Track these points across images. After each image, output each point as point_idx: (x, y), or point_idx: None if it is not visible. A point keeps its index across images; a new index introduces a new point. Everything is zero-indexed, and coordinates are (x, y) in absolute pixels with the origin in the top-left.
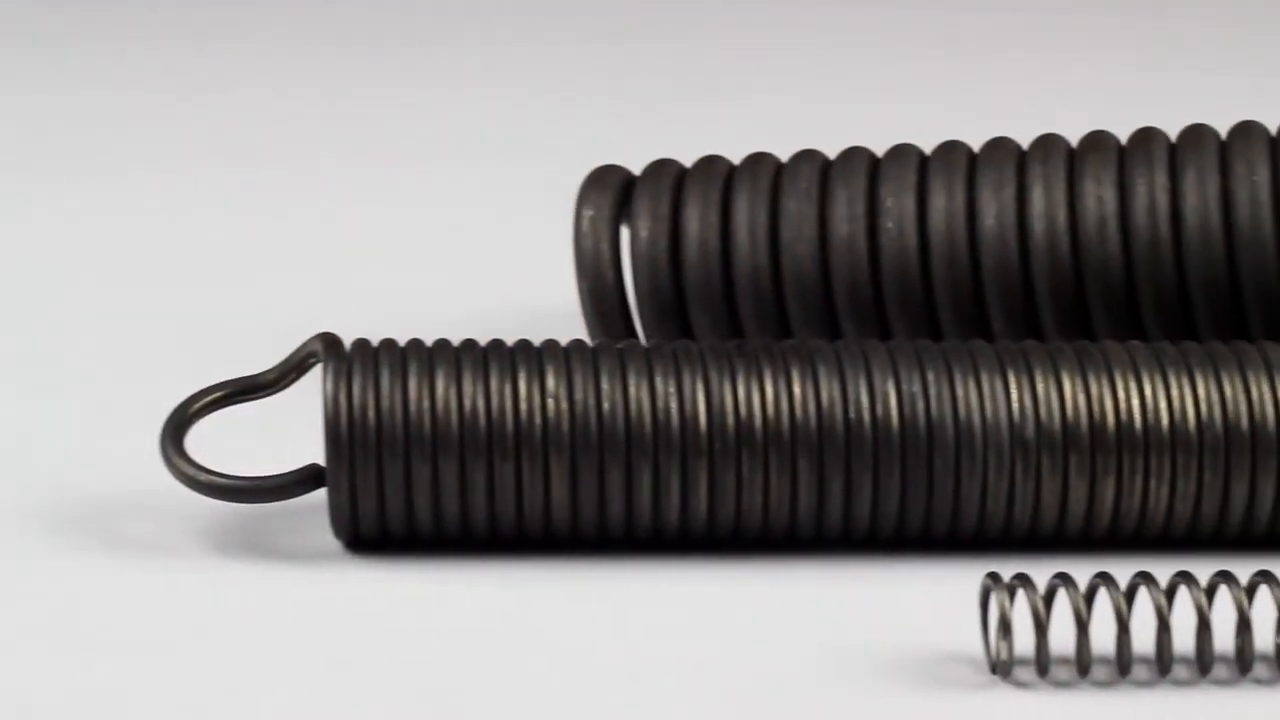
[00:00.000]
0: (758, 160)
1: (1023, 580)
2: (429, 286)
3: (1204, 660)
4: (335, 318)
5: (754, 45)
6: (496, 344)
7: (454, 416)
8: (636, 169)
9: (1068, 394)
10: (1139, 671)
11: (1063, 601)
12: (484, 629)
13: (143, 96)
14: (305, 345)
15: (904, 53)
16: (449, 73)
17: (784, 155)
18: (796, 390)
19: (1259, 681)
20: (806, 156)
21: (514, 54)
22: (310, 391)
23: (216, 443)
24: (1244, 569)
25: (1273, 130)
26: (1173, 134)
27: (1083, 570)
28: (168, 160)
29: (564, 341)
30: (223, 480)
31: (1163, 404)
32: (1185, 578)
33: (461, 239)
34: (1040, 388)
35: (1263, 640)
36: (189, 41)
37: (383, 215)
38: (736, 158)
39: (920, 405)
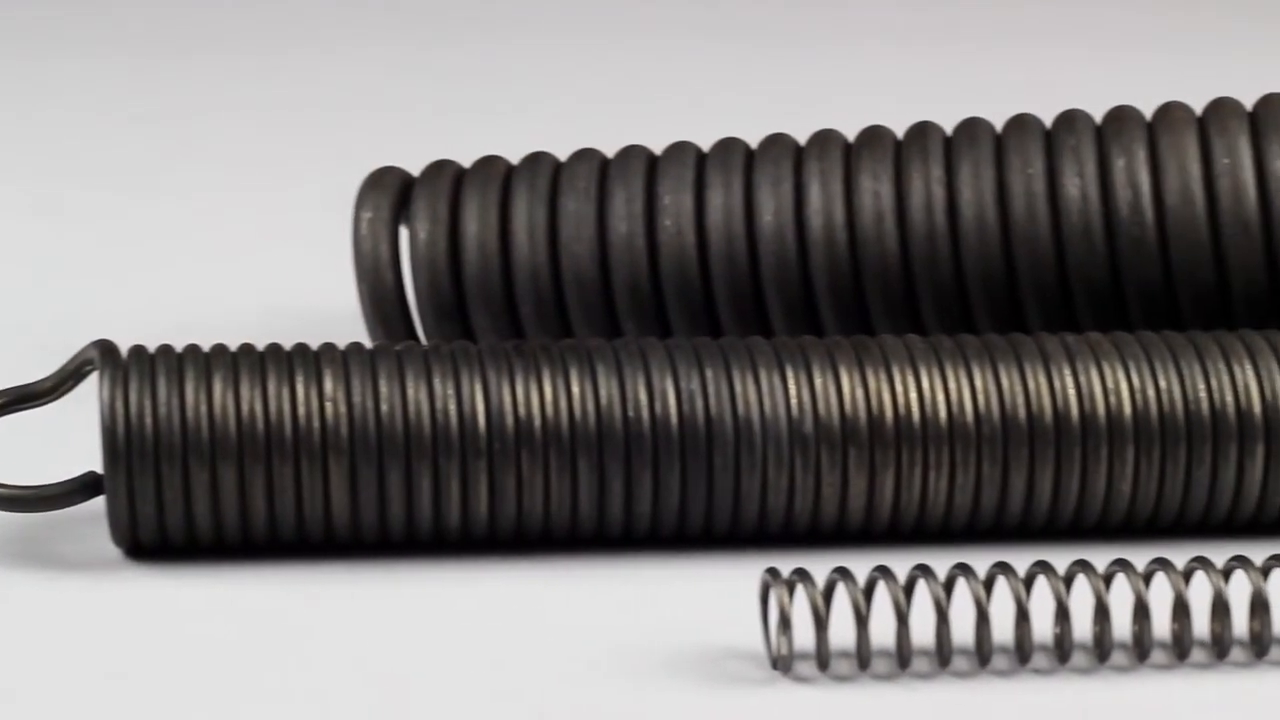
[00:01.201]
0: (536, 160)
1: (802, 575)
2: (208, 291)
3: (983, 651)
4: (112, 324)
5: (532, 45)
6: (274, 348)
7: (231, 422)
8: (416, 171)
9: (845, 389)
10: (919, 664)
11: (842, 596)
12: (266, 634)
13: None
14: (81, 353)
15: (684, 48)
16: (231, 75)
17: (563, 155)
18: (575, 390)
19: (1038, 671)
20: (585, 156)
21: (295, 57)
22: (88, 399)
23: None
24: (1021, 560)
25: (1047, 121)
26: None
27: (863, 565)
28: None
29: (344, 344)
30: (0, 489)
31: (940, 397)
32: (964, 570)
33: (241, 243)
34: (818, 383)
35: (1041, 630)
36: None
37: (162, 219)
38: (516, 158)
39: (699, 403)
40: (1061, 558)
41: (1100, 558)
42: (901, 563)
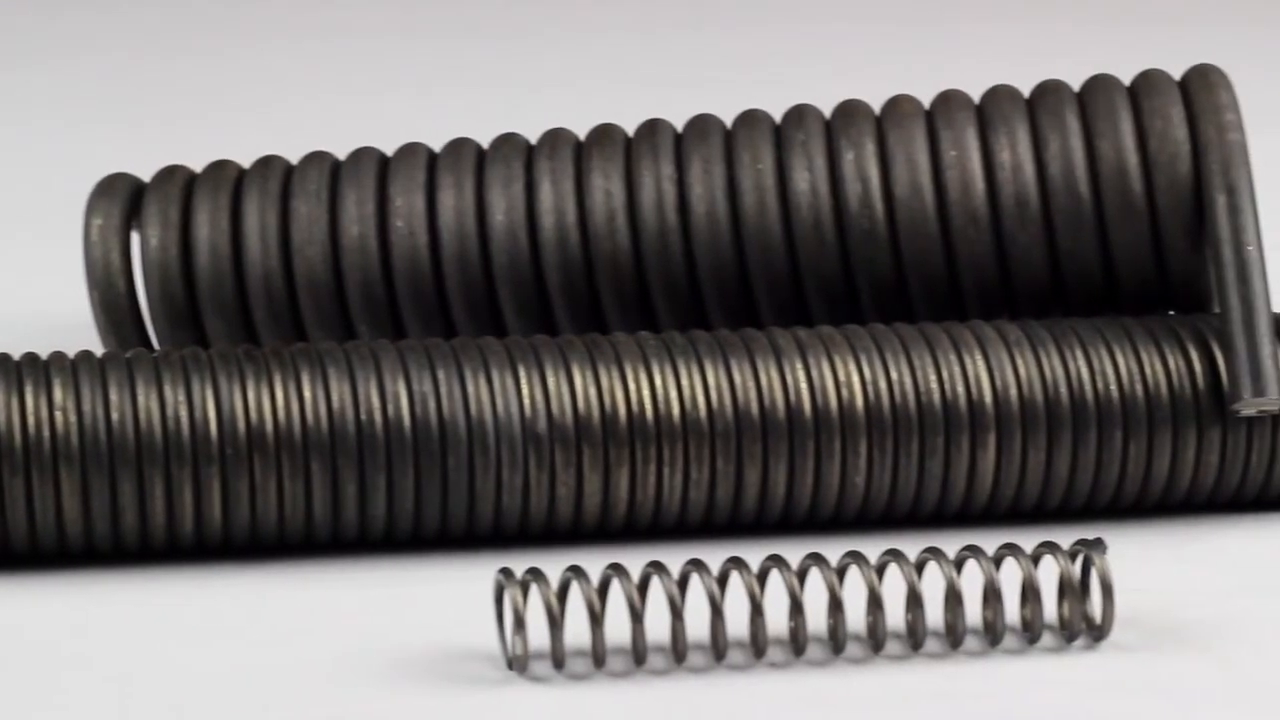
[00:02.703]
0: (267, 163)
1: (536, 575)
2: None
3: (718, 645)
4: None
5: (273, 48)
6: (2, 358)
7: None
8: (147, 177)
9: (579, 387)
10: (655, 660)
11: (576, 595)
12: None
13: None
14: None
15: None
16: None
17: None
18: (307, 393)
19: (774, 665)
20: (316, 158)
21: (27, 65)
22: None
23: None
24: (755, 555)
25: (776, 117)
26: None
27: (599, 563)
28: None
29: (75, 352)
30: None
31: (673, 394)
32: (697, 565)
33: None
34: (551, 382)
35: (776, 624)
36: None
37: None
38: (250, 161)
39: (432, 404)
40: (796, 551)
41: (834, 550)
42: (636, 560)
